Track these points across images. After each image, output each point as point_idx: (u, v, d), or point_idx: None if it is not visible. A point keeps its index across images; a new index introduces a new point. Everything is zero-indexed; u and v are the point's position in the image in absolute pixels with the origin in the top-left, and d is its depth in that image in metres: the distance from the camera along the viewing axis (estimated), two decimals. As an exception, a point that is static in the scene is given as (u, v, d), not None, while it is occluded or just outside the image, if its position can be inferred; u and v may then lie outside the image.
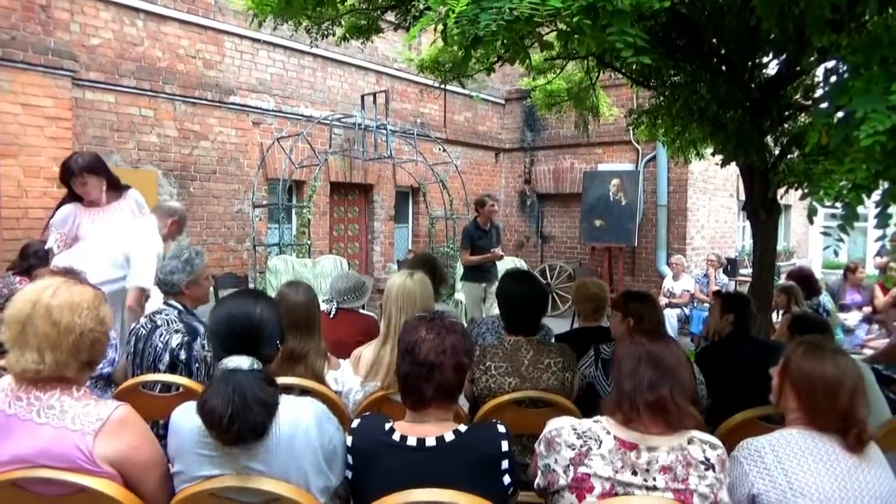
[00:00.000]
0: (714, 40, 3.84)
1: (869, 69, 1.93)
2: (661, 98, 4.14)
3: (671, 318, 8.75)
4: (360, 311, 3.70)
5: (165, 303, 2.94)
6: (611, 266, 10.06)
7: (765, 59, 4.05)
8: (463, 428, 1.73)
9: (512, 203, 11.88)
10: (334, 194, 9.07)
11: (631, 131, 9.75)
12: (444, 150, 9.87)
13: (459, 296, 8.87)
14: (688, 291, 8.79)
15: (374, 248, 9.69)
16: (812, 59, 3.44)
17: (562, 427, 1.74)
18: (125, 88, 6.49)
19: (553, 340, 3.25)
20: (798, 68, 3.78)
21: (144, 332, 2.77)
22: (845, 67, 2.07)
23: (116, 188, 3.70)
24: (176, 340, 2.71)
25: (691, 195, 10.00)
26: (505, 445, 1.69)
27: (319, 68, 8.55)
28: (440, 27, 2.00)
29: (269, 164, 7.90)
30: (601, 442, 1.67)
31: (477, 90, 8.79)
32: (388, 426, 1.74)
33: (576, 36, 1.78)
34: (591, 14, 1.72)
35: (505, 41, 1.78)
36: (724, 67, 3.82)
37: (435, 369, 1.70)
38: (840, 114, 1.99)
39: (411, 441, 1.69)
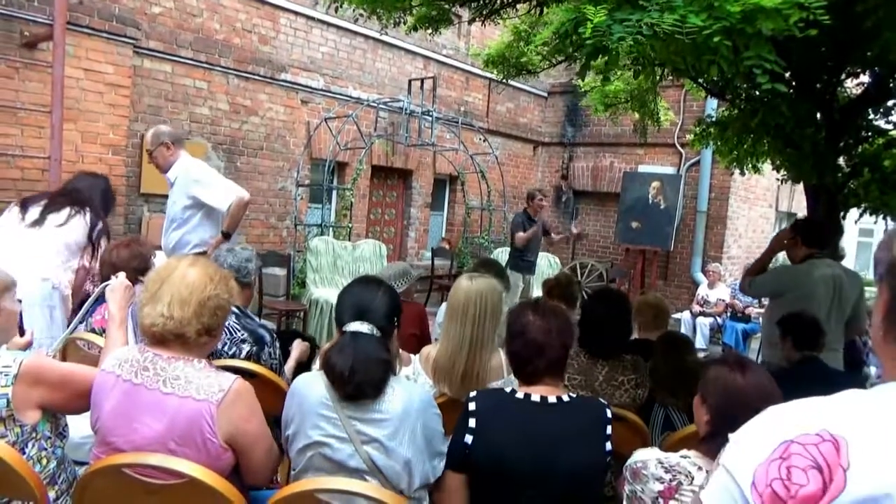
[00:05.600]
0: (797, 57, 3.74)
1: None
2: (737, 111, 4.05)
3: (703, 326, 8.68)
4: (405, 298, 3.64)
5: None
6: (643, 269, 9.96)
7: (844, 78, 3.96)
8: (573, 394, 1.92)
9: (547, 198, 11.74)
10: (374, 178, 9.04)
11: (675, 134, 9.66)
12: (486, 141, 9.79)
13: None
14: (722, 301, 8.69)
15: (409, 234, 9.68)
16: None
17: (648, 459, 1.74)
18: (182, 59, 6.49)
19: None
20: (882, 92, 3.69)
21: None
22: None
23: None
24: (244, 351, 2.56)
25: (732, 203, 9.84)
26: (609, 413, 1.87)
27: (370, 50, 8.50)
28: (557, 32, 1.95)
29: (315, 143, 7.89)
30: (692, 478, 1.66)
31: (522, 82, 8.68)
32: (508, 389, 1.89)
33: (707, 57, 1.74)
34: (730, 36, 1.67)
35: (634, 54, 1.74)
36: (806, 85, 3.73)
37: (545, 347, 1.86)
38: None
39: (535, 398, 1.84)
